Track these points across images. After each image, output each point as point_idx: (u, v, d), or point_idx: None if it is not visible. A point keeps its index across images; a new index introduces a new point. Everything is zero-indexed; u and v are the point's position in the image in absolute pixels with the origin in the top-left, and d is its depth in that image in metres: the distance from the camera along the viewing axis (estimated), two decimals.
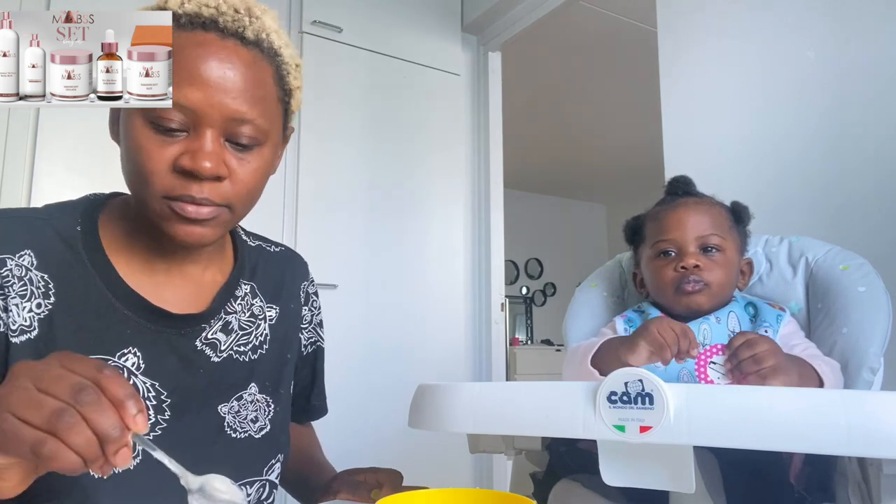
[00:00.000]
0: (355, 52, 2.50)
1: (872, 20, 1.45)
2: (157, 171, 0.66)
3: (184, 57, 0.65)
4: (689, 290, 0.95)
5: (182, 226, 0.68)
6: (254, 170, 0.71)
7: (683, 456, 0.56)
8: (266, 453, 0.80)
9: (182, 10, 0.67)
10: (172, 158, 0.66)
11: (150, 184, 0.67)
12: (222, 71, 0.66)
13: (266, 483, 0.80)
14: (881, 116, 1.40)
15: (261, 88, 0.70)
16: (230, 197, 0.69)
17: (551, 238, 6.25)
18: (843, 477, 0.78)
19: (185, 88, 0.64)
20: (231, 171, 0.69)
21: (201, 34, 0.67)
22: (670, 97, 1.88)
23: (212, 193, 0.67)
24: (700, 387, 0.57)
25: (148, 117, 0.66)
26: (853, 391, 0.84)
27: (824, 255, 1.02)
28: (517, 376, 4.88)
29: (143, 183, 0.67)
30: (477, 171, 2.80)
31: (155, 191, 0.67)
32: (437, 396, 0.67)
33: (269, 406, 0.82)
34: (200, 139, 0.66)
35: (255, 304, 0.85)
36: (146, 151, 0.66)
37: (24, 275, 0.68)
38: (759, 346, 0.79)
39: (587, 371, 0.90)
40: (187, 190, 0.66)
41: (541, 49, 3.47)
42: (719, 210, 1.01)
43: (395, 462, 0.94)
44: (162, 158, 0.66)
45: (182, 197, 0.66)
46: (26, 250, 0.69)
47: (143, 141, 0.66)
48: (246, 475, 0.77)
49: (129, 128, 0.68)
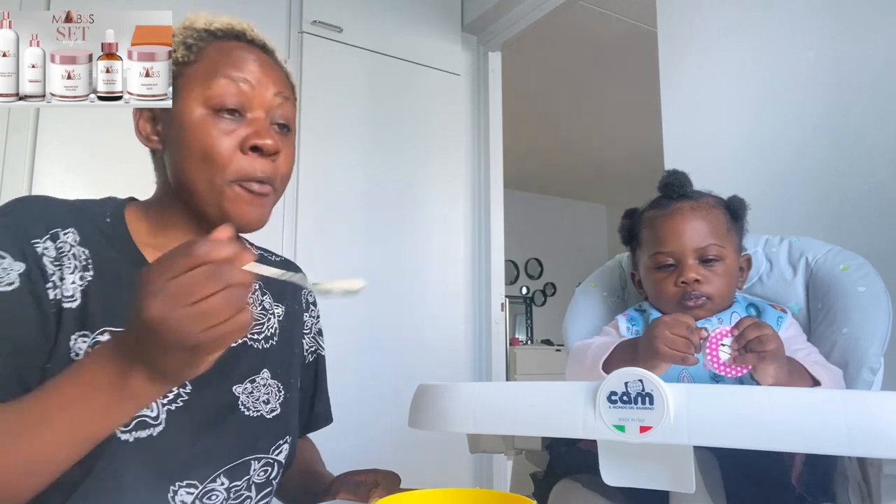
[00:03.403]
0: (355, 52, 2.50)
1: (872, 20, 1.45)
2: (226, 153, 0.73)
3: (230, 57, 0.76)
4: (691, 306, 0.95)
5: (247, 208, 0.75)
6: (291, 154, 0.80)
7: (683, 456, 0.56)
8: (275, 433, 0.84)
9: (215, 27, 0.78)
10: (239, 140, 0.74)
11: (220, 168, 0.73)
12: (262, 63, 0.78)
13: (274, 462, 0.83)
14: (881, 116, 1.40)
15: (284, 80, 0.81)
16: (278, 178, 0.78)
17: (551, 238, 6.25)
18: (843, 477, 0.78)
19: (239, 75, 0.75)
20: (280, 149, 0.77)
21: (236, 42, 0.78)
22: (670, 97, 1.88)
23: (270, 172, 0.76)
24: (700, 387, 0.57)
25: (209, 104, 0.74)
26: (853, 391, 0.84)
27: (824, 255, 1.02)
28: (517, 376, 4.88)
29: (212, 168, 0.73)
30: (477, 172, 2.80)
31: (226, 174, 0.73)
32: (437, 396, 0.67)
33: (280, 391, 0.86)
34: (258, 120, 0.75)
35: (264, 300, 0.90)
36: (215, 137, 0.73)
37: (69, 250, 0.73)
38: (766, 329, 0.79)
39: (599, 376, 0.89)
40: (254, 169, 0.74)
41: (541, 49, 3.47)
42: (716, 213, 0.98)
43: (395, 462, 0.94)
44: (228, 142, 0.74)
45: (251, 177, 0.74)
46: (71, 228, 0.74)
47: (210, 128, 0.73)
48: (254, 451, 0.80)
49: (189, 119, 0.74)
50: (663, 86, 1.90)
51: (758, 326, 0.78)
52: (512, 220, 3.03)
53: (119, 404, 0.56)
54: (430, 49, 2.71)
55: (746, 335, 0.78)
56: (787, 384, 0.78)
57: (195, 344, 0.52)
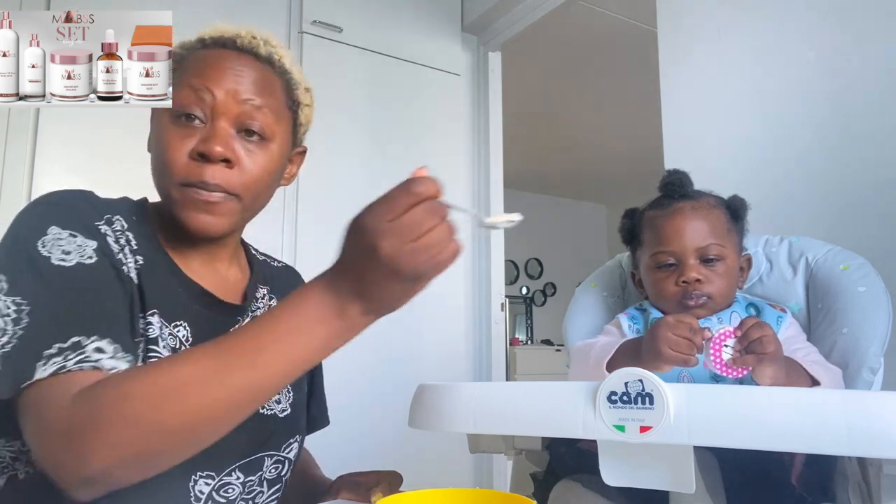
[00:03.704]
0: (355, 52, 2.50)
1: (872, 20, 1.45)
2: (177, 159, 0.74)
3: (205, 64, 0.77)
4: (691, 305, 0.95)
5: (196, 214, 0.75)
6: (260, 162, 0.78)
7: (683, 456, 0.56)
8: (287, 432, 0.85)
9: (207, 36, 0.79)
10: (190, 147, 0.75)
11: (170, 173, 0.74)
12: (236, 70, 0.77)
13: (285, 460, 0.84)
14: (881, 116, 1.40)
15: (269, 89, 0.80)
16: (237, 186, 0.76)
17: (551, 238, 6.25)
18: (843, 477, 0.78)
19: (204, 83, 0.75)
20: (238, 159, 0.76)
21: (221, 50, 0.78)
22: (670, 97, 1.88)
23: (221, 179, 0.75)
24: (700, 387, 0.57)
25: (173, 113, 0.75)
26: (853, 391, 0.84)
27: (824, 255, 1.02)
28: (517, 376, 4.88)
29: (164, 173, 0.75)
30: (477, 171, 2.80)
31: (174, 179, 0.74)
32: (437, 396, 0.68)
33: (290, 392, 0.88)
34: (214, 127, 0.75)
35: (271, 305, 0.90)
36: (169, 143, 0.75)
37: (122, 234, 0.75)
38: (767, 330, 0.79)
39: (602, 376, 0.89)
40: (201, 175, 0.74)
41: (541, 49, 3.47)
42: (716, 213, 0.99)
43: (395, 462, 0.94)
44: (182, 148, 0.74)
45: (196, 182, 0.74)
46: (118, 215, 0.76)
47: (167, 135, 0.75)
48: (267, 448, 0.81)
49: (157, 126, 0.77)
50: (663, 86, 1.90)
51: (760, 327, 0.79)
52: None
53: (335, 335, 0.60)
54: (430, 49, 2.71)
55: (749, 336, 0.78)
56: (785, 385, 0.78)
57: (419, 274, 0.57)
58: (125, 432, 0.56)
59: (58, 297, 0.65)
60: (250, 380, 0.58)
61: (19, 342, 0.62)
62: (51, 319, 0.64)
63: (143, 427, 0.56)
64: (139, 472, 0.60)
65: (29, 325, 0.63)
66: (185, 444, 0.59)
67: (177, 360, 0.61)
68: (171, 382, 0.57)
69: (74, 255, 0.68)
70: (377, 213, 0.57)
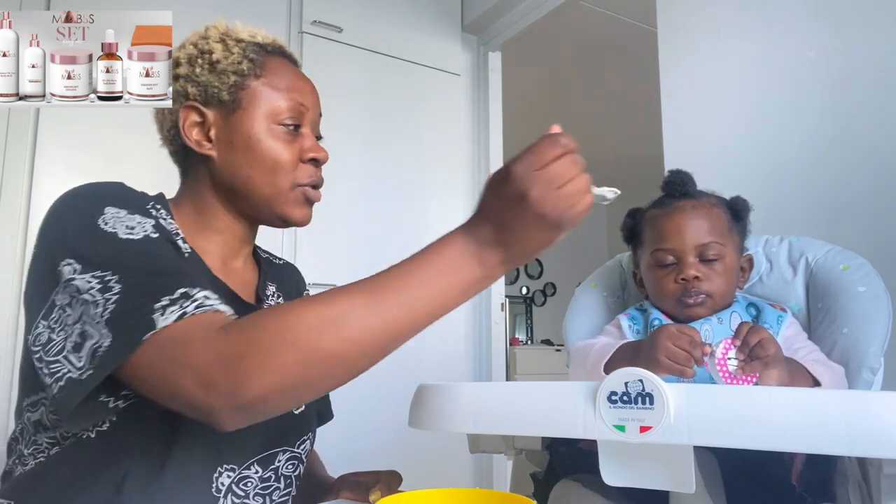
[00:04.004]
0: (355, 52, 2.50)
1: (872, 20, 1.45)
2: (292, 162, 0.83)
3: (294, 76, 0.86)
4: (690, 303, 0.95)
5: (305, 210, 0.86)
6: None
7: (683, 456, 0.56)
8: (300, 429, 0.86)
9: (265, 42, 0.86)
10: (299, 151, 0.84)
11: (286, 174, 0.82)
12: (309, 83, 0.88)
13: (299, 456, 0.85)
14: (881, 116, 1.40)
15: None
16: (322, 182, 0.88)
17: None
18: (843, 477, 0.78)
19: (302, 100, 0.84)
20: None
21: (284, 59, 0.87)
22: (670, 97, 1.88)
23: (320, 179, 0.87)
24: (700, 387, 0.57)
25: (276, 120, 0.82)
26: (853, 391, 0.84)
27: (824, 255, 1.02)
28: (517, 376, 4.87)
29: (277, 174, 0.82)
30: (477, 171, 2.80)
31: (291, 179, 0.83)
32: (437, 396, 0.68)
33: None
34: (310, 135, 0.86)
35: (279, 302, 0.93)
36: (280, 148, 0.82)
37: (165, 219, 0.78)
38: (763, 333, 0.79)
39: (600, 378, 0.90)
40: (315, 176, 0.85)
41: (541, 49, 3.47)
42: (717, 212, 0.99)
43: (395, 462, 0.94)
44: (294, 152, 0.83)
45: (311, 182, 0.85)
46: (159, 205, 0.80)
47: (276, 140, 0.82)
48: (282, 444, 0.82)
49: (254, 129, 0.82)
50: (663, 86, 1.90)
51: (756, 331, 0.79)
52: None
53: (475, 281, 0.65)
54: (430, 49, 2.71)
55: (748, 342, 0.78)
56: (789, 385, 0.78)
57: (560, 221, 0.63)
58: (286, 357, 0.59)
59: (141, 261, 0.67)
60: (398, 317, 0.62)
61: (118, 306, 0.63)
62: (146, 278, 0.65)
63: (303, 353, 0.59)
64: (290, 400, 0.64)
65: (123, 290, 0.64)
66: (337, 373, 0.62)
67: (333, 294, 0.63)
68: (329, 313, 0.61)
69: (138, 229, 0.70)
70: (527, 163, 0.61)
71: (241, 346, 0.59)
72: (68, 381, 0.62)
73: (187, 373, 0.59)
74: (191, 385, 0.59)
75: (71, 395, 0.62)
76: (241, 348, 0.59)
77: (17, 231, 1.86)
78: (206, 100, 0.81)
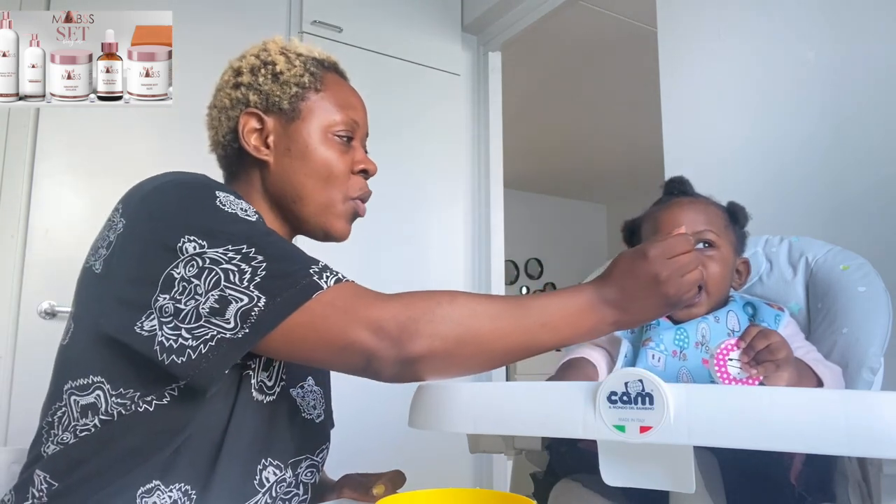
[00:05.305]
0: (355, 52, 2.50)
1: (872, 21, 1.45)
2: (345, 172, 0.87)
3: (348, 93, 0.92)
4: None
5: (349, 225, 0.90)
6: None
7: (683, 456, 0.56)
8: (320, 437, 0.88)
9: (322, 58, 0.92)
10: (351, 162, 0.88)
11: (339, 183, 0.87)
12: (361, 99, 0.94)
13: (318, 463, 0.86)
14: (881, 116, 1.40)
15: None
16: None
17: (551, 238, 6.24)
18: (843, 477, 0.78)
19: (355, 116, 0.90)
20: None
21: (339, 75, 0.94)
22: (670, 97, 1.88)
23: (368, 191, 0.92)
24: (700, 387, 0.57)
25: (332, 131, 0.87)
26: (853, 391, 0.84)
27: (824, 255, 1.02)
28: (517, 376, 4.87)
29: (330, 183, 0.86)
30: (477, 171, 2.80)
31: (343, 190, 0.87)
32: (437, 396, 0.68)
33: (322, 398, 0.91)
34: (361, 148, 0.91)
35: None
36: (334, 158, 0.87)
37: None
38: (772, 336, 0.76)
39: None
40: (365, 189, 0.90)
41: (541, 49, 3.47)
42: (714, 209, 1.00)
43: (395, 462, 0.94)
44: (346, 162, 0.88)
45: (361, 196, 0.89)
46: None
47: (331, 149, 0.87)
48: (304, 451, 0.83)
49: (312, 139, 0.86)
50: (663, 86, 1.90)
51: (765, 336, 0.76)
52: (512, 220, 3.03)
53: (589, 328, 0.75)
54: (430, 49, 2.71)
55: (755, 346, 0.75)
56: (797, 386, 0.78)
57: (677, 301, 0.74)
58: (449, 330, 0.69)
59: (272, 238, 0.72)
60: (536, 331, 0.74)
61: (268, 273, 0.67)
62: (288, 250, 0.72)
63: (463, 331, 0.70)
64: (441, 369, 0.71)
65: (268, 260, 0.69)
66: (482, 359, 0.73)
67: (486, 296, 0.75)
68: (487, 307, 0.72)
69: (250, 212, 0.75)
70: (662, 250, 0.73)
71: (413, 311, 0.69)
72: (219, 342, 0.66)
73: (363, 324, 0.68)
74: (365, 335, 0.67)
75: (229, 353, 0.66)
76: (414, 312, 0.69)
77: (17, 231, 1.86)
78: (267, 108, 0.85)
